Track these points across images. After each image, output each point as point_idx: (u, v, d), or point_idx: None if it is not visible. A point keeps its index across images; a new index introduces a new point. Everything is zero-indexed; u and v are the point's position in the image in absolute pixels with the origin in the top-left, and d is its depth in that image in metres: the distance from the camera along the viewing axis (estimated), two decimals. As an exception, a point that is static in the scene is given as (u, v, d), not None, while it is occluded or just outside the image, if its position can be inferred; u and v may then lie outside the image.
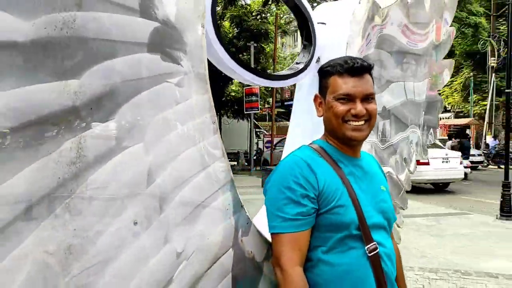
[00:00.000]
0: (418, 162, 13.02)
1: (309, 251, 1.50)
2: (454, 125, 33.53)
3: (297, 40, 48.87)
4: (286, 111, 38.78)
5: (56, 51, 0.97)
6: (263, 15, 22.70)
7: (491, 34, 25.86)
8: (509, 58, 10.66)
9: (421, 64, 3.25)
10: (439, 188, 14.60)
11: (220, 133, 1.45)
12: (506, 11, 9.57)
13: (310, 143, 1.66)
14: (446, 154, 14.07)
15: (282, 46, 42.31)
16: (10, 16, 0.89)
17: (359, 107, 1.54)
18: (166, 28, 1.23)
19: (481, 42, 25.27)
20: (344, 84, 1.55)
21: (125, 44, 1.12)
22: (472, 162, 20.72)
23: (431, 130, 3.53)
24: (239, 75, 1.74)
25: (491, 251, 6.93)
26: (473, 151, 22.21)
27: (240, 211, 1.51)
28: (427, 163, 13.37)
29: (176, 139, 1.27)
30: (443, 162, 13.75)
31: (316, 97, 1.64)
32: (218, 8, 18.66)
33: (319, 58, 2.21)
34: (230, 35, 20.96)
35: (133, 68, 1.14)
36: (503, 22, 27.15)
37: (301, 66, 2.07)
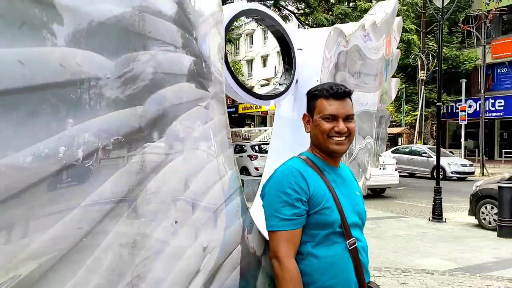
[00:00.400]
0: (358, 169, 13.57)
1: (299, 246, 1.80)
2: (388, 133, 35.40)
3: (238, 48, 49.52)
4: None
5: (129, 83, 1.20)
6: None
7: (421, 49, 27.75)
8: (439, 73, 11.67)
9: (373, 77, 3.67)
10: (377, 193, 15.50)
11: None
12: (435, 28, 10.61)
13: (299, 155, 1.96)
14: (383, 162, 14.97)
15: (225, 53, 42.62)
16: (102, 57, 1.12)
17: (341, 125, 1.86)
18: (199, 61, 1.49)
19: (412, 57, 27.06)
20: (329, 106, 1.87)
21: (173, 76, 1.37)
22: (461, 172, 20.34)
23: (381, 141, 3.98)
24: (239, 95, 2.02)
25: (426, 250, 7.60)
26: (463, 161, 21.73)
27: (246, 213, 1.78)
28: (366, 170, 14.18)
29: (203, 152, 1.53)
30: (380, 169, 14.63)
31: (304, 116, 1.95)
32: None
33: (297, 79, 2.54)
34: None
35: (177, 95, 1.39)
36: (432, 39, 29.30)
37: (283, 87, 2.38)
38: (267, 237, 1.80)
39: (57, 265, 1.02)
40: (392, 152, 22.00)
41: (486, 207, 9.55)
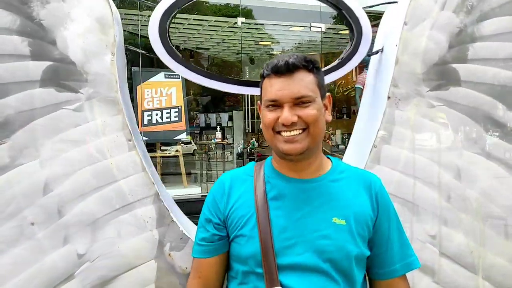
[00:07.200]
0: None
1: (229, 280, 1.37)
2: None
3: None
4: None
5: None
6: None
7: None
8: None
9: None
10: None
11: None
12: None
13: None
14: None
15: None
16: None
17: (285, 114, 1.28)
18: (62, 64, 1.48)
19: None
20: (270, 87, 1.32)
21: (17, 84, 1.46)
22: None
23: None
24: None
25: None
26: None
27: (168, 225, 1.53)
28: None
29: (77, 155, 1.48)
30: None
31: (258, 105, 1.44)
32: None
33: (382, 48, 1.79)
34: None
35: (26, 101, 1.46)
36: None
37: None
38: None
39: None
40: None
41: None
